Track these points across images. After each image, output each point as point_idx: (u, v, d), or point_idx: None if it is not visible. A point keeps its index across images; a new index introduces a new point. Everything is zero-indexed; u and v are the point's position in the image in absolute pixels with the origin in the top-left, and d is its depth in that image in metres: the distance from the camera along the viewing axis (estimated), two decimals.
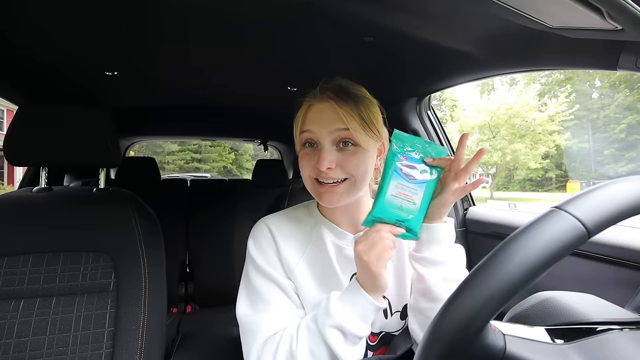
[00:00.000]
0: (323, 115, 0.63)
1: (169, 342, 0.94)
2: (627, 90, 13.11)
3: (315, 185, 0.64)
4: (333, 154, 0.62)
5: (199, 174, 9.85)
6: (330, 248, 0.67)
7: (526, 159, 12.70)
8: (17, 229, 0.82)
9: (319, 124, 0.63)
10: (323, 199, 0.64)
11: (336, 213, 0.70)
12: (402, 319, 0.68)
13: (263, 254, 0.66)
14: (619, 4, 0.48)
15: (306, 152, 0.65)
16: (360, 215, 0.70)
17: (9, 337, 0.75)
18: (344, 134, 0.62)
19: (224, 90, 1.47)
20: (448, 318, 0.32)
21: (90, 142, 0.89)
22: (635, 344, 0.36)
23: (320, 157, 0.61)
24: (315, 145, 0.64)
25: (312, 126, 0.63)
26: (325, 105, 0.63)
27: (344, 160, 0.62)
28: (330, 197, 0.63)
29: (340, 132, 0.62)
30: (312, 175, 0.64)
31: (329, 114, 0.62)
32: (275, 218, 0.72)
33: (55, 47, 0.98)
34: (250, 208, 1.83)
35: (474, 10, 0.70)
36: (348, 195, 0.64)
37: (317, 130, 0.63)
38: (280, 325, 0.61)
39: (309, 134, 0.64)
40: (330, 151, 0.62)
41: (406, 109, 1.33)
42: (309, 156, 0.64)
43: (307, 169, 0.64)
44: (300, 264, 0.67)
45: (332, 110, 0.62)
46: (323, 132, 0.62)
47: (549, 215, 0.32)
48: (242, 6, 0.76)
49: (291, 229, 0.70)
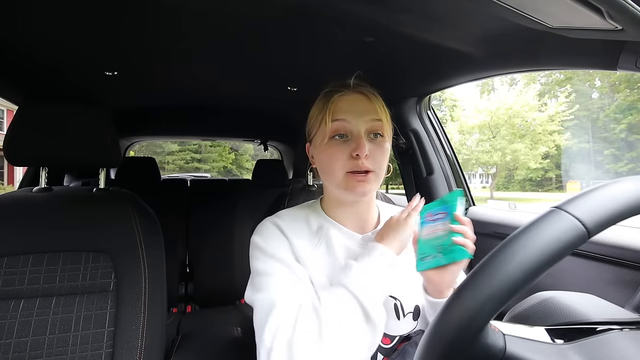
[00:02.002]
0: (357, 105, 0.64)
1: (169, 342, 0.94)
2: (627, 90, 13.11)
3: (347, 177, 0.63)
4: (368, 143, 0.62)
5: (199, 174, 9.85)
6: (338, 248, 0.66)
7: (526, 159, 12.70)
8: (17, 229, 0.82)
9: (354, 113, 0.63)
10: (357, 190, 0.63)
11: (343, 213, 0.69)
12: (415, 319, 0.67)
13: (271, 243, 0.64)
14: (619, 4, 0.48)
15: (335, 143, 0.64)
16: (368, 214, 0.70)
17: (9, 337, 0.75)
18: (377, 125, 0.64)
19: (224, 90, 1.47)
20: (448, 318, 0.32)
21: (90, 142, 0.89)
22: (635, 344, 0.36)
23: (359, 143, 0.61)
24: (346, 137, 0.64)
25: (347, 115, 0.63)
26: (359, 96, 0.65)
27: (375, 150, 0.63)
28: (364, 186, 0.63)
29: (375, 122, 0.64)
30: (346, 166, 0.63)
31: (363, 104, 0.64)
32: (280, 216, 0.70)
33: (55, 47, 0.98)
34: (250, 208, 1.83)
35: (474, 10, 0.70)
36: (375, 185, 0.65)
37: (353, 119, 0.63)
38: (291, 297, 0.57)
39: (343, 123, 0.63)
40: (366, 140, 0.63)
41: (406, 109, 1.33)
42: (340, 147, 0.63)
43: (340, 160, 0.63)
44: (315, 257, 0.65)
45: (367, 101, 0.64)
46: (359, 122, 0.63)
47: (549, 215, 0.32)
48: (242, 7, 0.76)
49: (299, 225, 0.68)
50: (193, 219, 1.88)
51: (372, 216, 0.72)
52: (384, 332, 0.62)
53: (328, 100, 0.65)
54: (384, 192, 1.14)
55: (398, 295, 0.66)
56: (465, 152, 13.75)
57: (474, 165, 14.10)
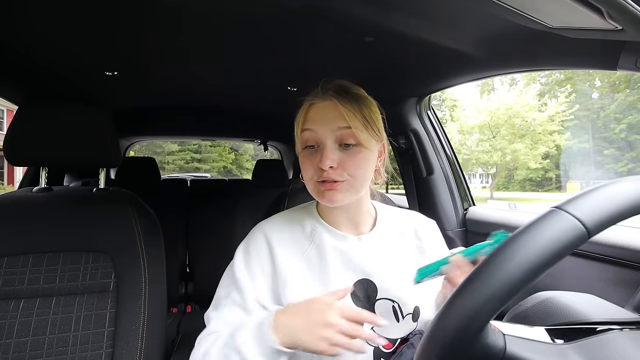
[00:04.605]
0: (325, 113, 0.62)
1: (169, 342, 0.94)
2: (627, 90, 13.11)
3: (317, 186, 0.63)
4: (335, 153, 0.61)
5: (199, 174, 9.85)
6: (330, 251, 0.66)
7: (526, 159, 12.69)
8: (17, 229, 0.82)
9: (321, 122, 0.62)
10: (325, 198, 0.62)
11: (336, 215, 0.69)
12: (415, 320, 0.66)
13: (249, 267, 0.65)
14: (619, 4, 0.48)
15: (307, 153, 0.64)
16: (360, 217, 0.70)
17: (9, 337, 0.74)
18: (347, 133, 0.61)
19: (224, 90, 1.47)
20: (448, 318, 0.32)
21: (90, 142, 0.89)
22: (635, 344, 0.36)
23: (322, 155, 0.60)
24: (317, 147, 0.63)
25: (314, 125, 0.62)
26: (327, 104, 0.62)
27: (346, 160, 0.61)
28: (332, 195, 0.61)
29: (343, 130, 0.61)
30: (315, 176, 0.62)
31: (331, 112, 0.61)
32: (273, 223, 0.70)
33: (55, 47, 0.98)
34: (250, 208, 1.83)
35: (474, 10, 0.70)
36: (349, 194, 0.63)
37: (319, 128, 0.61)
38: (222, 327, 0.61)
39: (310, 133, 0.62)
40: (333, 150, 0.61)
41: (406, 109, 1.33)
42: (311, 157, 0.63)
43: (310, 170, 0.63)
44: (300, 265, 0.65)
45: (335, 109, 0.61)
46: (325, 131, 0.61)
47: (549, 215, 0.32)
48: (242, 6, 0.76)
49: (290, 232, 0.68)
50: (193, 219, 1.88)
51: (365, 217, 0.71)
52: (384, 336, 0.61)
53: (302, 109, 0.65)
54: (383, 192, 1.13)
55: (396, 297, 0.65)
56: (465, 152, 13.74)
57: (474, 165, 14.09)
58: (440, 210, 1.34)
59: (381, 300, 0.65)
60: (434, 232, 0.77)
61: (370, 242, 0.68)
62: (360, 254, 0.66)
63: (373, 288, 0.65)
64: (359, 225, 0.70)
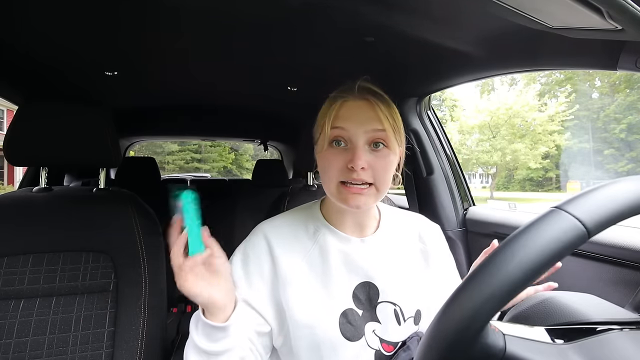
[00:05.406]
0: (360, 112, 0.60)
1: (168, 342, 0.94)
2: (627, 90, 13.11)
3: (340, 188, 0.60)
4: (367, 154, 0.59)
5: (199, 173, 9.85)
6: (333, 253, 0.65)
7: (526, 159, 12.70)
8: (17, 229, 0.82)
9: (356, 121, 0.60)
10: (350, 202, 0.60)
11: (342, 217, 0.68)
12: (416, 323, 0.65)
13: (244, 266, 0.65)
14: (619, 4, 0.48)
15: (334, 152, 0.61)
16: (366, 220, 0.69)
17: (9, 337, 0.74)
18: (380, 135, 0.60)
19: (224, 90, 1.47)
20: (448, 318, 0.32)
21: (90, 142, 0.89)
22: (635, 344, 0.36)
23: (355, 155, 0.58)
24: (345, 145, 0.61)
25: (346, 123, 0.60)
26: (363, 103, 0.61)
27: (375, 162, 0.60)
28: (358, 200, 0.59)
29: (377, 132, 0.60)
30: (340, 176, 0.60)
31: (366, 112, 0.60)
32: (274, 223, 0.69)
33: (55, 47, 0.98)
34: (251, 208, 1.83)
35: (474, 10, 0.70)
36: (373, 199, 0.61)
37: (352, 127, 0.60)
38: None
39: (341, 131, 0.60)
40: (364, 150, 0.59)
41: (406, 109, 1.33)
42: (337, 156, 0.60)
43: (334, 170, 0.60)
44: (302, 265, 0.64)
45: (370, 109, 0.60)
46: (359, 131, 0.59)
47: (549, 215, 0.32)
48: (243, 6, 0.76)
49: (292, 233, 0.67)
50: None
51: (371, 220, 0.70)
52: (385, 339, 0.61)
53: (331, 105, 0.63)
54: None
55: (397, 300, 0.64)
56: (465, 152, 13.74)
57: (474, 165, 14.10)
58: (440, 210, 1.34)
59: (383, 303, 0.64)
60: (438, 236, 0.76)
61: (373, 244, 0.68)
62: (363, 256, 0.66)
63: (375, 291, 0.64)
64: (363, 227, 0.69)
